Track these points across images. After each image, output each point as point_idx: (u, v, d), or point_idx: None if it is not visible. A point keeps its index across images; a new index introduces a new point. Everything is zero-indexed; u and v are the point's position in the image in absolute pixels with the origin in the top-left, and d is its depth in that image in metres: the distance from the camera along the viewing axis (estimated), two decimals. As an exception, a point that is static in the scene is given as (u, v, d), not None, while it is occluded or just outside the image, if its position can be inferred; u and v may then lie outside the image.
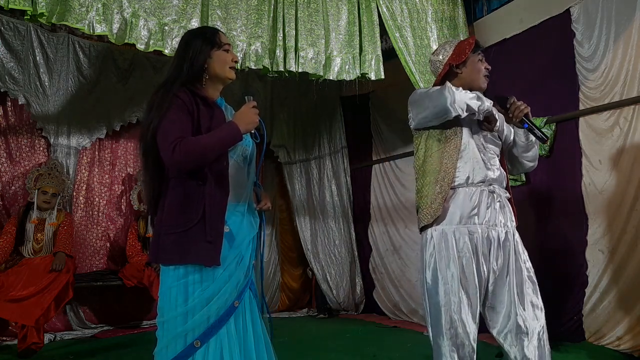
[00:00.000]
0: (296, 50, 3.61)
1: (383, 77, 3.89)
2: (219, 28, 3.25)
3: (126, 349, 3.99)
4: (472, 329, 1.99)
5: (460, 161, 2.08)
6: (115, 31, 3.04)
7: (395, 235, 5.36)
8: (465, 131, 2.13)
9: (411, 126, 2.27)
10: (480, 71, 2.19)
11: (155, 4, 3.16)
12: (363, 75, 3.85)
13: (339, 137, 6.14)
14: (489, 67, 2.23)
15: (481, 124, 2.15)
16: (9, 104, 4.66)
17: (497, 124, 2.15)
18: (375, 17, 3.92)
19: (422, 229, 2.15)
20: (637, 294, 3.22)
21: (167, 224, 1.64)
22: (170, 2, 3.21)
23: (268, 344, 1.75)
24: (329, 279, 5.72)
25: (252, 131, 1.74)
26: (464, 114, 2.04)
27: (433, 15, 4.20)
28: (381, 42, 3.99)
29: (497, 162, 2.17)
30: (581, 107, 3.64)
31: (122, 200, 5.24)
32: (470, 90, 2.14)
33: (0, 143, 4.61)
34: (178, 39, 3.17)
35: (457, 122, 2.10)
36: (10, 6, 2.67)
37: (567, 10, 3.77)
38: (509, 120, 2.16)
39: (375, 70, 3.86)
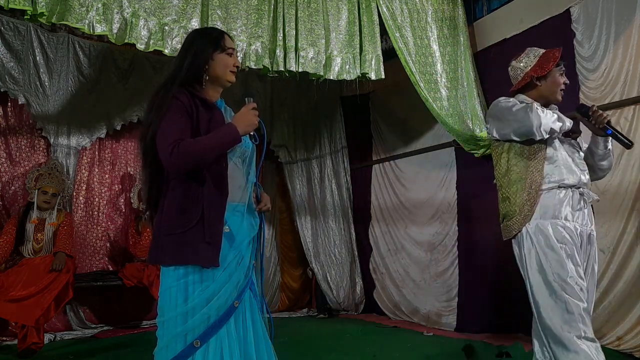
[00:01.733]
0: (296, 50, 3.61)
1: (383, 76, 3.89)
2: (219, 28, 3.25)
3: (126, 348, 3.99)
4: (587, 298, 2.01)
5: (548, 167, 2.10)
6: (115, 31, 3.04)
7: (397, 235, 5.36)
8: (550, 141, 2.14)
9: (490, 136, 2.29)
10: (559, 85, 2.22)
11: (155, 4, 3.16)
12: (363, 75, 3.85)
13: (339, 136, 6.15)
14: (568, 82, 2.26)
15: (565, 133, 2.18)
16: (9, 104, 4.66)
17: (579, 132, 2.21)
18: (376, 17, 3.92)
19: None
20: (637, 294, 3.22)
21: (166, 225, 1.64)
22: (171, 2, 3.21)
23: (268, 345, 1.75)
24: (329, 278, 5.72)
25: (252, 133, 1.74)
26: (547, 136, 2.08)
27: (433, 15, 4.20)
28: (381, 42, 3.99)
29: (586, 166, 2.20)
30: (581, 107, 3.64)
31: (122, 200, 5.24)
32: (546, 103, 2.21)
33: (0, 143, 4.61)
34: (178, 39, 3.18)
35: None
36: (10, 6, 2.67)
37: (567, 10, 3.77)
38: (591, 128, 2.18)
39: (375, 70, 3.86)
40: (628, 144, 2.09)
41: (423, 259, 5.00)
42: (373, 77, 3.87)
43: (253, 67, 3.49)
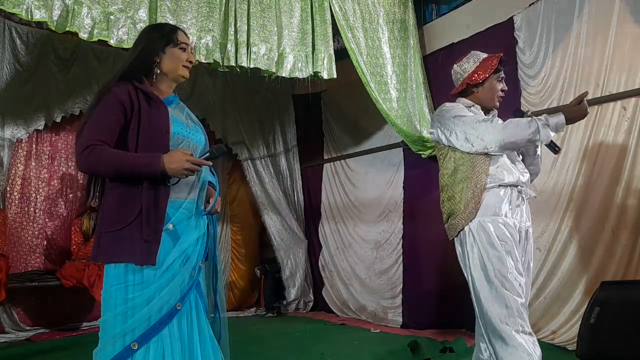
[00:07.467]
0: (248, 45, 3.56)
1: (335, 76, 3.90)
2: (169, 20, 3.16)
3: (63, 352, 3.81)
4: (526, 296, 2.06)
5: (492, 168, 2.13)
6: (55, 18, 2.88)
7: (346, 233, 5.42)
8: None
9: (437, 140, 2.26)
10: (496, 92, 2.26)
11: (100, -8, 3.02)
12: (315, 74, 3.85)
13: (291, 135, 6.14)
14: (506, 88, 2.29)
15: None
16: (-64, 91, 4.34)
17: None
18: (328, 16, 3.92)
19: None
20: (570, 291, 3.41)
21: (105, 223, 1.60)
22: (116, -10, 3.08)
23: (215, 346, 1.72)
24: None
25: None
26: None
27: (385, 17, 4.26)
28: (333, 41, 4.01)
29: (524, 165, 2.26)
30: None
31: (62, 196, 4.99)
32: (485, 108, 2.25)
33: None
34: (125, 30, 3.07)
35: None
36: (-63, -14, 2.48)
37: (511, 19, 3.93)
38: None
39: (327, 70, 3.87)
40: (556, 150, 2.20)
41: (369, 257, 5.08)
42: (325, 76, 3.87)
43: (203, 61, 3.42)
